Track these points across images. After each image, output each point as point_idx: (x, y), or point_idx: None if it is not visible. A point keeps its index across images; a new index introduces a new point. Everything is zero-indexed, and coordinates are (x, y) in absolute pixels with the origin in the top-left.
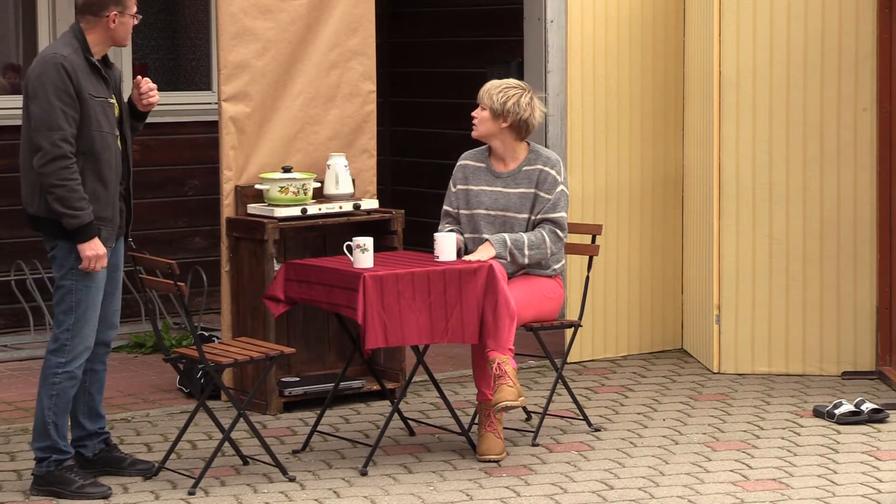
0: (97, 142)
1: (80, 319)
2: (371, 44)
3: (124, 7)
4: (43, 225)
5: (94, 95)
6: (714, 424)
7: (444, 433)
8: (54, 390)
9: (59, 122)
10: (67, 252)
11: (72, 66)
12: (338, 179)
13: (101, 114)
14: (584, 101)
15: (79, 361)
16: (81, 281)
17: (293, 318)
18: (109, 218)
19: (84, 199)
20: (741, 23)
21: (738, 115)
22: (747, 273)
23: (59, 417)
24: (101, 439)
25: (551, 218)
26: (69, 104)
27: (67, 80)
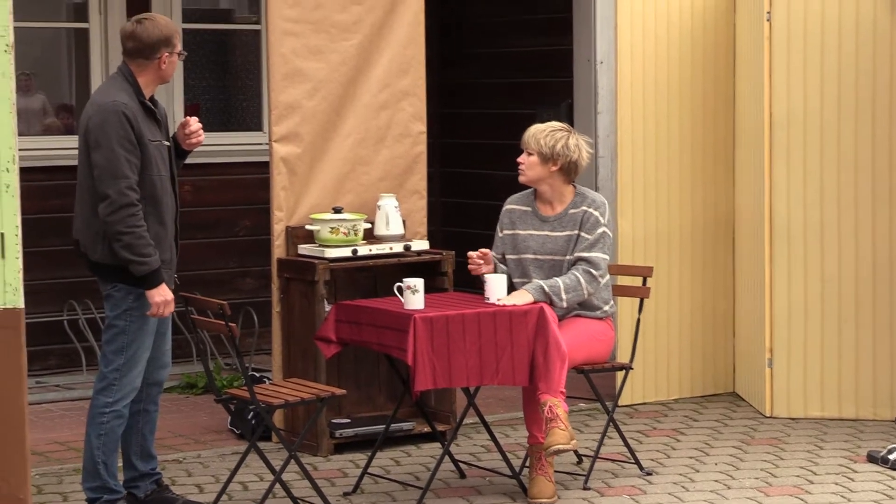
0: (157, 186)
1: (129, 360)
2: (421, 85)
3: (173, 47)
4: (105, 271)
5: (151, 140)
6: (767, 469)
7: (495, 476)
8: (102, 430)
9: (123, 171)
10: (125, 294)
11: (132, 113)
12: (388, 220)
13: (159, 157)
14: (635, 143)
15: (126, 401)
16: (135, 323)
17: (344, 359)
18: (169, 260)
19: (151, 246)
20: (791, 64)
21: (788, 156)
22: (799, 316)
23: (108, 457)
24: (152, 480)
25: (586, 257)
26: (132, 151)
27: (129, 127)
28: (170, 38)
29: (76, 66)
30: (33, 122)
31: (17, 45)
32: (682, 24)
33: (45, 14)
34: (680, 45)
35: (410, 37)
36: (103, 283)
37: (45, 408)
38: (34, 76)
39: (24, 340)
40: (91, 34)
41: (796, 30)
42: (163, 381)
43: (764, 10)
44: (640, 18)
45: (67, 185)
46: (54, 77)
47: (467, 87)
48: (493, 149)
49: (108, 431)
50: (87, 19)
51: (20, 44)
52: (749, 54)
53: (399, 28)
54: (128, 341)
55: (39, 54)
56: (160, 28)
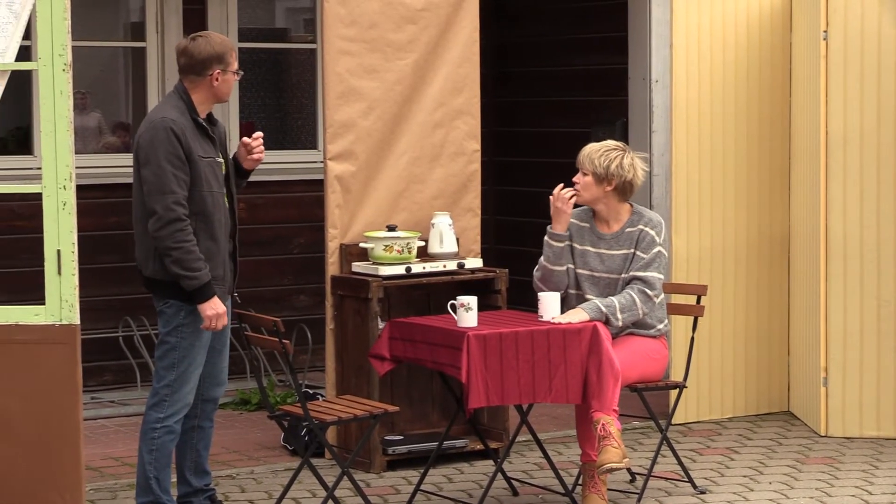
0: (208, 202)
1: (181, 376)
2: (476, 103)
3: (227, 64)
4: (158, 286)
5: (202, 156)
6: (821, 489)
7: (548, 493)
8: (154, 445)
9: (171, 186)
10: (178, 310)
11: (180, 129)
12: (442, 238)
13: (211, 174)
14: (689, 161)
15: (177, 416)
16: (187, 339)
17: (397, 376)
18: (221, 276)
19: (201, 260)
20: (848, 82)
21: (845, 174)
22: (855, 334)
23: (160, 472)
24: (206, 496)
25: (641, 276)
26: (180, 167)
27: (177, 143)
28: (222, 55)
29: (133, 85)
30: (89, 140)
31: (74, 64)
32: (737, 42)
33: (103, 33)
34: (735, 63)
35: (465, 55)
36: (156, 300)
37: (100, 423)
38: (90, 94)
39: (79, 356)
40: (148, 53)
41: (853, 48)
42: (218, 398)
43: (821, 29)
44: (696, 37)
45: (124, 203)
46: (112, 96)
47: (522, 105)
48: (547, 167)
49: (159, 447)
50: (144, 38)
51: (77, 63)
52: (805, 73)
53: (454, 47)
54: (179, 357)
55: (97, 73)
56: (212, 45)
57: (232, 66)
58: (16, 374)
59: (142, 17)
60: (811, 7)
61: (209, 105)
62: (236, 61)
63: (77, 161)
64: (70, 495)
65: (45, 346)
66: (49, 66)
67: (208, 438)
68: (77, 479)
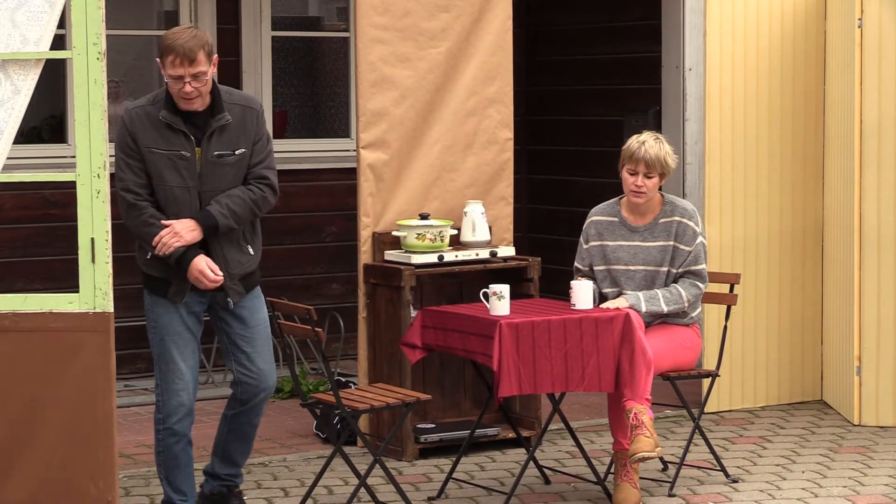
0: (161, 196)
1: (162, 374)
2: (508, 92)
3: (162, 61)
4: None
5: (155, 149)
6: (854, 478)
7: (580, 482)
8: (159, 447)
9: (121, 174)
10: (147, 305)
11: (132, 118)
12: (475, 226)
13: (167, 167)
14: (723, 150)
15: (175, 418)
16: (157, 334)
17: (429, 364)
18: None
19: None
20: (883, 71)
21: (879, 163)
22: (889, 323)
23: (169, 472)
24: (223, 484)
25: (693, 270)
26: (130, 154)
27: (125, 131)
28: (159, 49)
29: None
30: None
31: (108, 53)
32: (771, 31)
33: (137, 22)
34: (769, 52)
35: (498, 44)
36: None
37: (134, 411)
38: (123, 83)
39: (113, 344)
40: None
41: (888, 36)
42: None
43: (855, 17)
44: (730, 25)
45: None
46: (145, 84)
47: (554, 94)
48: (579, 155)
49: (164, 449)
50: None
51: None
52: (840, 61)
53: (487, 35)
54: (156, 354)
55: (131, 62)
56: (161, 37)
57: (165, 67)
58: (50, 362)
59: (175, 5)
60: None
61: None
62: (174, 68)
63: (111, 149)
64: (103, 482)
65: (79, 333)
66: (83, 54)
67: (240, 433)
68: (110, 467)
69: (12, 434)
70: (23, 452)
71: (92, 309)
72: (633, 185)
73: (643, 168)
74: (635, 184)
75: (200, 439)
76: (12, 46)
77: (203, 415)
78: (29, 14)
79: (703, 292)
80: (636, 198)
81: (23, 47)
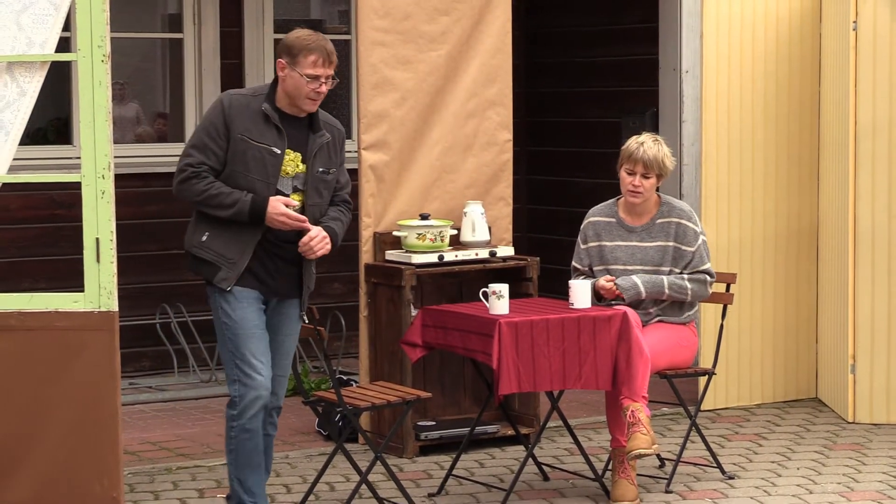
0: (239, 182)
1: (239, 368)
2: (508, 94)
3: (293, 60)
4: (187, 258)
5: (251, 139)
6: (849, 474)
7: (578, 479)
8: (231, 445)
9: (190, 150)
10: (213, 300)
11: (231, 104)
12: (474, 227)
13: (256, 160)
14: (719, 151)
15: (250, 413)
16: (229, 326)
17: (430, 363)
18: (234, 260)
19: (229, 193)
20: (877, 72)
21: (873, 164)
22: (882, 322)
23: (240, 472)
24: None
25: (702, 270)
26: (214, 138)
27: (220, 114)
28: (291, 48)
29: (170, 76)
30: (127, 130)
31: (113, 56)
32: (767, 33)
33: (141, 25)
34: (765, 55)
35: (497, 47)
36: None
37: (138, 408)
38: (128, 85)
39: (118, 343)
40: (185, 44)
41: (882, 39)
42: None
43: (850, 20)
44: (726, 28)
45: (162, 192)
46: (149, 86)
47: (553, 96)
48: (578, 156)
49: (236, 447)
50: (181, 30)
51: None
52: (835, 64)
53: (486, 38)
54: (229, 350)
55: (135, 64)
56: (292, 37)
57: (302, 66)
58: (55, 361)
59: (179, 8)
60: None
61: (287, 100)
62: (316, 68)
63: (115, 151)
64: (108, 479)
65: (85, 332)
66: (88, 57)
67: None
68: (115, 464)
69: (18, 431)
70: (28, 449)
71: (97, 308)
72: (631, 185)
73: (641, 168)
74: (633, 184)
75: (206, 436)
76: (18, 49)
77: (207, 412)
78: (34, 17)
79: (709, 287)
80: (633, 198)
81: (28, 50)
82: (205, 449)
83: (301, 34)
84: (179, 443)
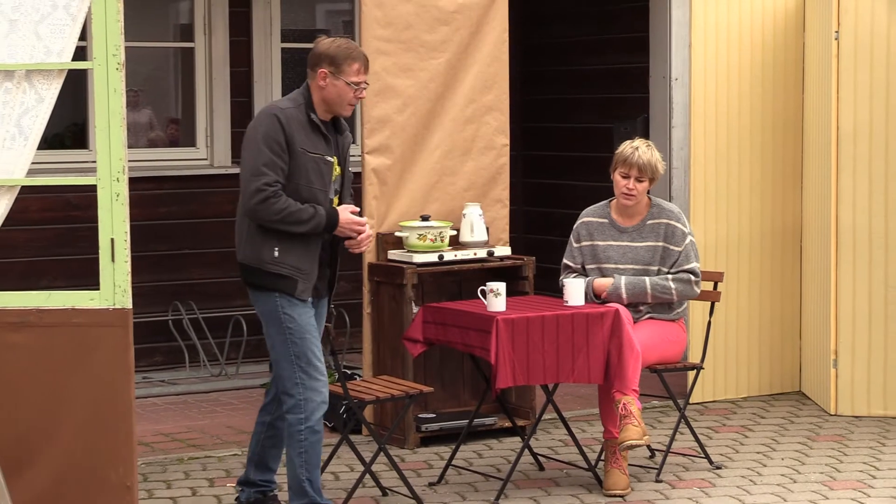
0: (303, 195)
1: (305, 371)
2: (504, 100)
3: (338, 69)
4: (247, 272)
5: (307, 150)
6: (831, 465)
7: (572, 468)
8: (301, 447)
9: (264, 169)
10: (274, 307)
11: (286, 118)
12: (473, 227)
13: (314, 170)
14: (707, 155)
15: (317, 415)
16: (295, 333)
17: (430, 358)
18: (307, 271)
19: (304, 209)
20: (858, 80)
21: (854, 167)
22: (864, 318)
23: (311, 473)
24: (258, 490)
25: (688, 269)
26: (278, 153)
27: (280, 129)
28: (335, 57)
29: (182, 83)
30: (140, 135)
31: (127, 64)
32: (753, 43)
33: (154, 34)
34: (751, 62)
35: (494, 55)
36: (251, 291)
37: (151, 401)
38: (141, 92)
39: (131, 339)
40: (196, 53)
41: (863, 47)
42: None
43: (832, 30)
44: (714, 37)
45: (173, 195)
46: (162, 93)
47: (548, 102)
48: (571, 161)
49: (307, 449)
50: (192, 39)
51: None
52: (817, 71)
53: (484, 47)
54: (295, 354)
55: (148, 72)
56: (331, 45)
57: (347, 74)
58: (72, 355)
59: (190, 19)
60: (823, 8)
61: (324, 108)
62: (359, 75)
63: (129, 155)
64: (123, 469)
65: (100, 328)
66: (103, 65)
67: (276, 438)
68: (130, 454)
69: (37, 423)
70: (47, 440)
71: (112, 305)
72: (625, 188)
73: (635, 172)
74: (626, 187)
75: (216, 428)
76: (36, 57)
77: (217, 405)
78: (52, 27)
79: (696, 286)
80: (626, 200)
81: (46, 58)
82: (215, 440)
83: (339, 43)
84: (191, 434)
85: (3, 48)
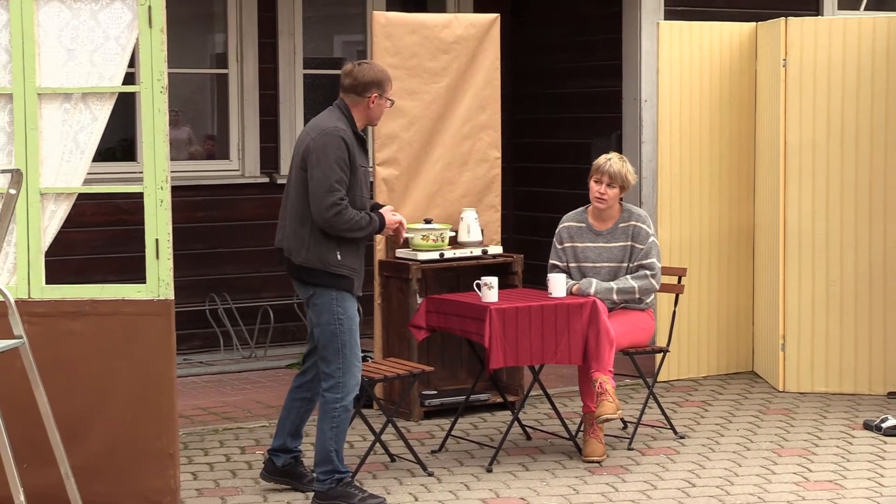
0: (357, 204)
1: (347, 358)
2: (497, 119)
3: (384, 91)
4: (307, 273)
5: (361, 165)
6: (779, 435)
7: (556, 438)
8: (334, 423)
9: (337, 185)
10: (329, 299)
11: (350, 139)
12: (469, 229)
13: (364, 181)
14: (672, 167)
15: (352, 395)
16: (345, 324)
17: (432, 342)
18: (359, 270)
19: (363, 217)
20: (803, 102)
21: (800, 177)
22: (808, 309)
23: (338, 444)
24: (292, 455)
25: (644, 264)
26: (344, 170)
27: (346, 150)
28: (381, 82)
29: (217, 104)
30: (181, 149)
31: (169, 87)
32: (712, 69)
33: (193, 62)
34: (710, 86)
35: (488, 80)
36: (303, 287)
37: (191, 380)
38: (182, 112)
39: (174, 325)
40: (230, 78)
41: (807, 74)
42: None
43: (780, 58)
44: (678, 65)
45: (209, 201)
46: (200, 113)
47: (534, 121)
48: (555, 172)
49: (339, 424)
50: (226, 66)
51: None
52: (768, 94)
53: (479, 73)
54: (341, 342)
55: (188, 95)
56: (375, 72)
57: (388, 93)
58: (122, 340)
59: (225, 48)
60: (773, 39)
61: (363, 124)
62: (391, 90)
63: (171, 166)
64: (166, 438)
65: (146, 317)
66: (149, 88)
67: (311, 409)
68: (172, 426)
69: (91, 399)
70: (100, 414)
71: (156, 296)
72: (597, 193)
73: (607, 179)
74: (598, 191)
75: (247, 403)
76: (91, 82)
77: (248, 383)
78: (105, 56)
79: (655, 282)
80: (599, 203)
81: (99, 82)
82: (246, 413)
83: (376, 67)
84: (225, 408)
85: (62, 74)
